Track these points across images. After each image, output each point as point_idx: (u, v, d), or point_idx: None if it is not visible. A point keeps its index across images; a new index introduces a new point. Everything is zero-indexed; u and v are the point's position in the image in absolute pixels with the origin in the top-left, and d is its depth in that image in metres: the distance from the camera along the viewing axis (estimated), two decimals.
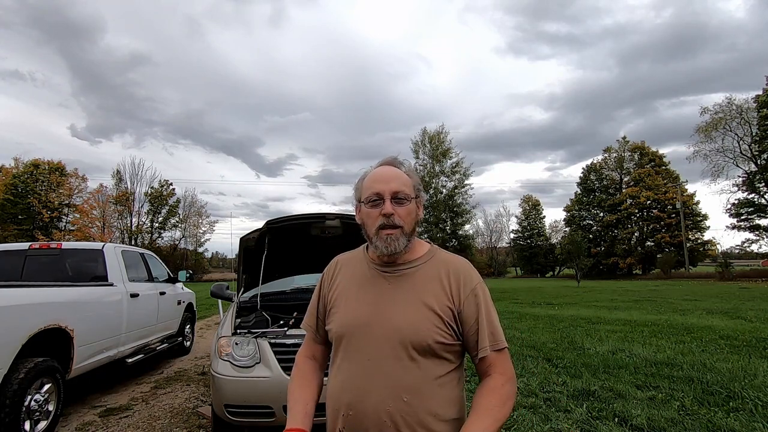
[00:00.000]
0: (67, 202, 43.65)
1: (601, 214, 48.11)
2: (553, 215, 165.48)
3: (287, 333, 3.12)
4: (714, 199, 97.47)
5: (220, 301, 4.31)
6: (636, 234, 45.16)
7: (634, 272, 44.25)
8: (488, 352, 1.06)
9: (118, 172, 44.62)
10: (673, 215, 41.43)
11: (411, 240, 1.12)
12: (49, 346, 3.49)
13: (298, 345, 2.93)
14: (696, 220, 42.03)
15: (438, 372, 1.05)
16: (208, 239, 52.10)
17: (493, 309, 1.12)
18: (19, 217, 40.82)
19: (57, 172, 43.05)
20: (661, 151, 46.36)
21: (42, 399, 3.23)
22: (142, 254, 6.02)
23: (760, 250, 37.97)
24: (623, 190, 46.54)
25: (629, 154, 47.68)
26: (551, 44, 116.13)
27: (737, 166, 35.26)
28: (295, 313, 3.57)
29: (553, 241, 56.28)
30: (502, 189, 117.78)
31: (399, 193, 1.09)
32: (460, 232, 47.85)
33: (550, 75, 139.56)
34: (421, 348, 1.04)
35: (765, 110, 32.05)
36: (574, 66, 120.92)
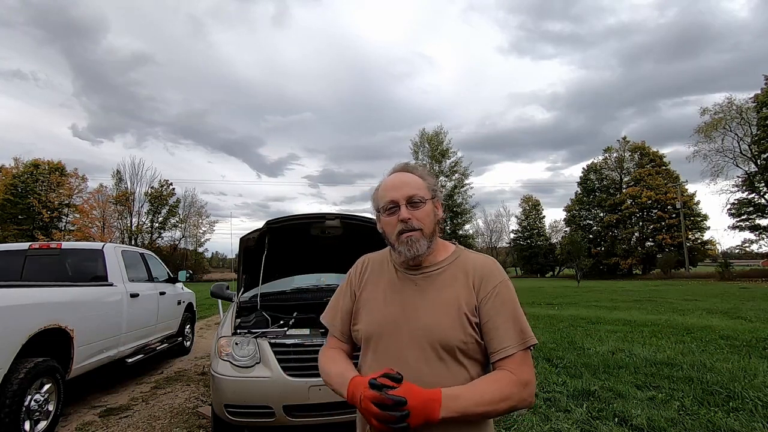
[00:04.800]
0: (67, 202, 43.66)
1: (602, 214, 48.13)
2: (555, 215, 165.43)
3: (287, 333, 3.12)
4: (714, 199, 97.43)
5: (220, 301, 4.31)
6: (636, 234, 45.19)
7: (634, 272, 44.25)
8: (513, 350, 1.03)
9: (118, 172, 44.72)
10: (674, 215, 41.41)
11: (433, 241, 1.12)
12: (49, 346, 3.49)
13: (298, 345, 2.93)
14: (696, 220, 42.02)
15: (467, 373, 1.05)
16: (208, 239, 52.16)
17: (519, 307, 1.10)
18: (19, 217, 40.83)
19: (57, 172, 43.06)
20: (662, 152, 46.53)
21: (42, 399, 3.23)
22: (142, 254, 6.02)
23: (760, 250, 37.95)
24: (623, 190, 46.57)
25: (629, 154, 47.72)
26: (554, 44, 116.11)
27: (737, 166, 35.29)
28: (295, 313, 3.57)
29: (553, 241, 56.32)
30: (502, 189, 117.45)
31: (413, 197, 1.10)
32: (460, 232, 47.84)
33: (552, 74, 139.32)
34: (450, 348, 1.04)
35: (765, 110, 32.03)
36: (577, 65, 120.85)
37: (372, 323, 1.14)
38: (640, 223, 45.33)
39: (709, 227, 42.61)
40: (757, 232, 35.71)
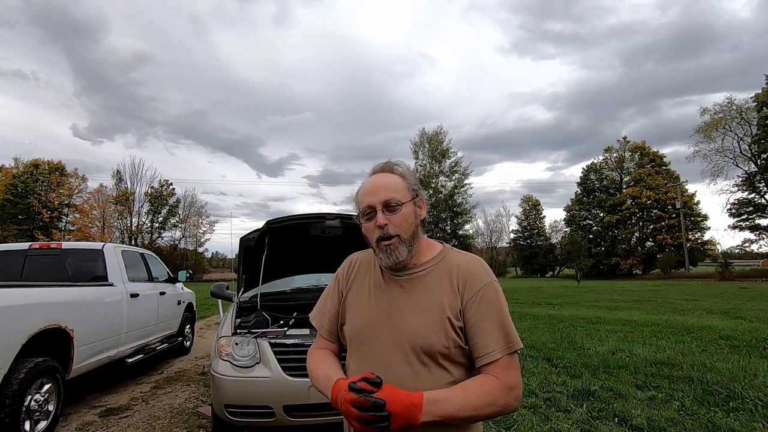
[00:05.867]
0: (67, 202, 43.66)
1: (602, 215, 48.13)
2: (555, 215, 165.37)
3: (287, 333, 3.13)
4: (714, 199, 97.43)
5: (220, 301, 4.31)
6: (636, 234, 45.18)
7: (634, 272, 44.25)
8: (499, 355, 1.01)
9: (118, 172, 44.68)
10: (674, 215, 41.41)
11: (413, 245, 1.10)
12: (49, 346, 3.49)
13: (298, 345, 2.93)
14: (696, 220, 42.02)
15: (450, 377, 1.04)
16: (208, 239, 52.09)
17: (506, 311, 1.08)
18: (19, 217, 40.83)
19: (57, 172, 43.06)
20: (662, 152, 46.58)
21: (42, 399, 3.23)
22: (142, 254, 6.02)
23: (760, 250, 37.97)
24: (623, 190, 46.57)
25: (629, 154, 47.72)
26: (555, 43, 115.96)
27: (737, 166, 35.29)
28: (295, 313, 3.57)
29: (553, 241, 56.32)
30: (503, 189, 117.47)
31: (390, 201, 1.07)
32: (460, 232, 47.85)
33: (553, 74, 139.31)
34: (431, 353, 1.03)
35: (765, 110, 32.01)
36: (578, 65, 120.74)
37: (356, 325, 1.13)
38: (640, 224, 45.32)
39: (709, 227, 42.70)
40: (757, 232, 35.73)
